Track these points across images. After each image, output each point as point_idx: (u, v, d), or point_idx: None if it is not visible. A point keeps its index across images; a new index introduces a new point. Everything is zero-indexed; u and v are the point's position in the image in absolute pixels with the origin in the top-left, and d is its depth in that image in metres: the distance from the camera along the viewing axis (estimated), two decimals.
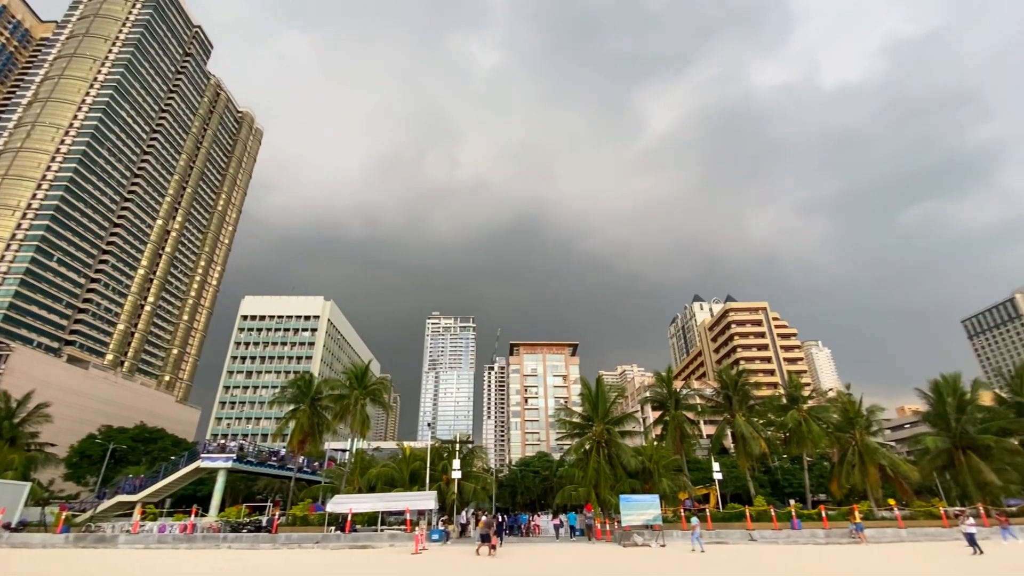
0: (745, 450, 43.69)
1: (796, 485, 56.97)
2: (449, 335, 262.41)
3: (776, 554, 23.80)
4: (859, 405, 43.32)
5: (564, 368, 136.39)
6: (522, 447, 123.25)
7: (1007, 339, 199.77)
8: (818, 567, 19.69)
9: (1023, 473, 44.55)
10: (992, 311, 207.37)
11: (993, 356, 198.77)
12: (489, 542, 24.21)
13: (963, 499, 44.47)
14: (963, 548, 22.16)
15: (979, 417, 43.53)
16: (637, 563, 21.13)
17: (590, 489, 36.87)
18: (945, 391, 43.37)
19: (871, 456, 40.21)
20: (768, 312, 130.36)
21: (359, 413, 43.01)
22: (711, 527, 32.21)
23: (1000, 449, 41.00)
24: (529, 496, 74.08)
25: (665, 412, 48.33)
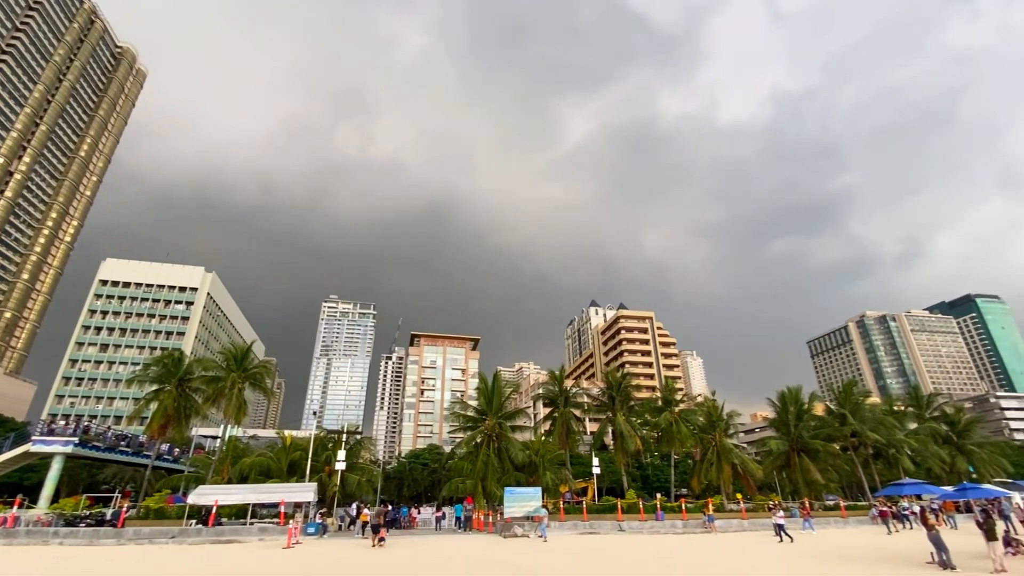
0: (623, 447, 47.07)
1: (663, 480, 62.50)
2: (346, 321, 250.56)
3: (634, 542, 25.94)
4: (720, 410, 48.54)
5: (464, 362, 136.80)
6: (414, 439, 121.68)
7: (839, 360, 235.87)
8: (663, 552, 21.83)
9: (841, 473, 52.87)
10: (830, 335, 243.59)
11: (828, 374, 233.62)
12: (377, 532, 24.48)
13: (794, 495, 51.67)
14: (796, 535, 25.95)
15: (812, 425, 50.95)
16: (510, 552, 21.87)
17: (477, 482, 37.45)
18: (788, 401, 50.14)
19: (726, 455, 45.27)
20: (653, 322, 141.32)
21: (235, 398, 39.60)
22: (586, 518, 34.26)
23: (826, 452, 48.32)
24: (416, 488, 73.41)
25: (555, 409, 50.51)
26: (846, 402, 51.59)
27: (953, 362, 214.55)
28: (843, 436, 50.36)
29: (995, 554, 14.56)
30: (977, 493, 29.92)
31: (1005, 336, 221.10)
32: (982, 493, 29.70)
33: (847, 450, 50.75)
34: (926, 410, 58.72)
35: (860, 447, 50.67)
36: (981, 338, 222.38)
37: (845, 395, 52.50)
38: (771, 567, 17.50)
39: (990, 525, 14.86)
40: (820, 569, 16.72)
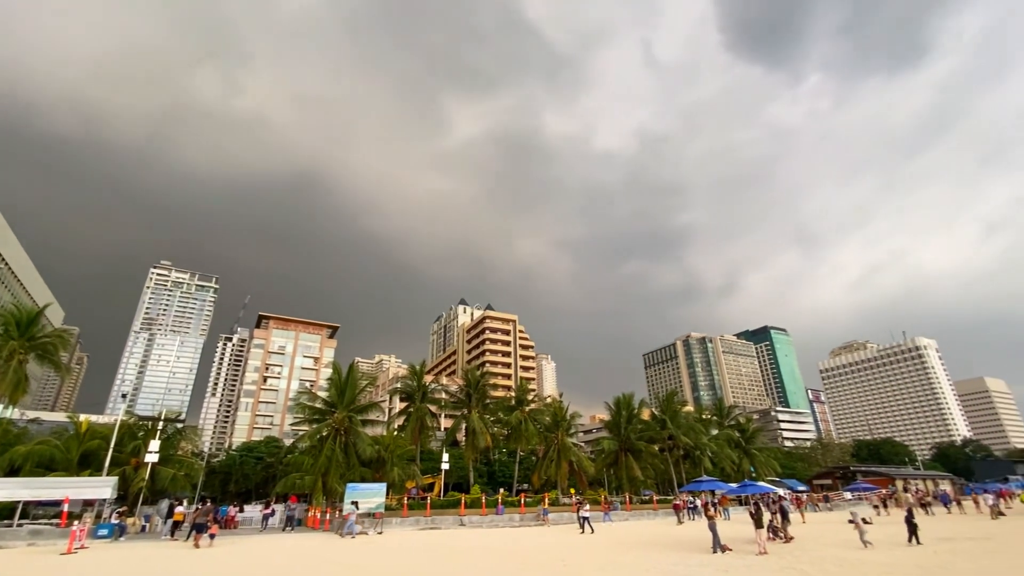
0: (473, 443, 48.32)
1: (508, 476, 65.40)
2: (179, 292, 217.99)
3: (473, 535, 26.90)
4: (565, 411, 52.48)
5: (319, 350, 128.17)
6: (250, 431, 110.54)
7: (666, 372, 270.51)
8: (496, 543, 23.05)
9: (657, 471, 60.36)
10: (661, 350, 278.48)
11: (656, 384, 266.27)
12: (204, 532, 22.78)
13: (618, 490, 57.67)
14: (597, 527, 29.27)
15: (639, 428, 57.56)
16: (345, 551, 21.16)
17: (318, 477, 35.41)
18: (622, 406, 56.03)
19: (565, 453, 49.03)
20: (516, 325, 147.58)
21: (13, 371, 32.22)
22: (429, 514, 34.44)
23: (647, 452, 54.90)
24: (246, 485, 66.75)
25: (411, 404, 49.96)
26: (667, 409, 59.36)
27: (749, 380, 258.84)
28: (662, 439, 57.78)
29: (760, 539, 18.00)
30: (754, 489, 36.51)
31: (787, 362, 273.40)
32: (757, 489, 36.32)
33: (664, 451, 58.30)
34: (726, 419, 70.00)
35: (674, 448, 58.56)
36: (770, 362, 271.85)
37: (667, 403, 60.39)
38: (582, 553, 19.44)
39: (758, 516, 18.38)
40: (626, 553, 19.02)
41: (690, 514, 37.40)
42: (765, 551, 17.52)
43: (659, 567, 15.63)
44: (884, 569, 14.16)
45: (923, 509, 37.90)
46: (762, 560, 16.32)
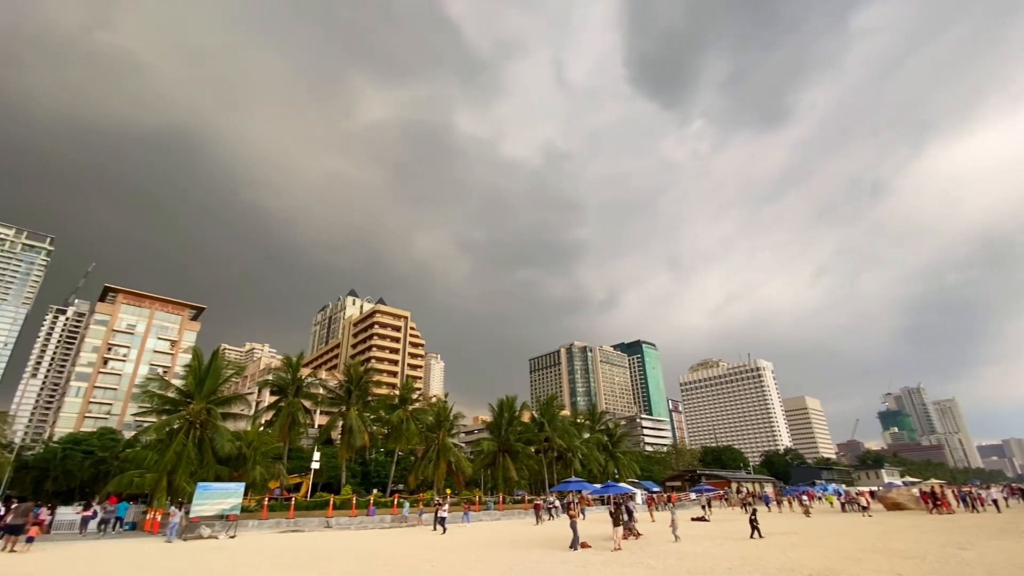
0: (349, 442, 46.25)
1: (383, 476, 63.60)
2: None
3: (338, 538, 25.80)
4: (449, 412, 52.48)
5: (178, 332, 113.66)
6: (80, 420, 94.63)
7: (549, 377, 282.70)
8: (353, 544, 22.42)
9: (533, 472, 62.68)
10: (546, 356, 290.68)
11: (539, 388, 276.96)
12: (21, 534, 20.06)
13: (493, 490, 58.95)
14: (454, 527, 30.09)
15: (519, 430, 59.42)
16: (187, 556, 19.10)
17: (162, 475, 31.42)
18: (504, 408, 57.45)
19: (445, 454, 48.98)
20: (408, 322, 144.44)
21: None
22: (292, 516, 32.30)
23: (524, 454, 56.85)
24: (68, 483, 57.03)
25: (283, 398, 46.50)
26: (546, 413, 62.05)
27: (621, 389, 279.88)
28: (539, 441, 60.23)
29: (616, 536, 19.56)
30: (615, 489, 39.48)
31: (654, 374, 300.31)
32: (617, 490, 39.33)
33: (539, 452, 60.78)
34: (597, 424, 74.95)
35: (549, 450, 61.34)
36: (640, 374, 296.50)
37: (546, 407, 63.16)
38: (450, 553, 19.65)
39: (616, 514, 19.99)
40: (493, 552, 19.56)
41: (550, 514, 39.15)
42: (619, 547, 19.07)
43: (524, 563, 16.30)
44: (712, 561, 16.18)
45: (744, 508, 44.00)
46: (616, 555, 17.75)
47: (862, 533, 24.46)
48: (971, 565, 14.03)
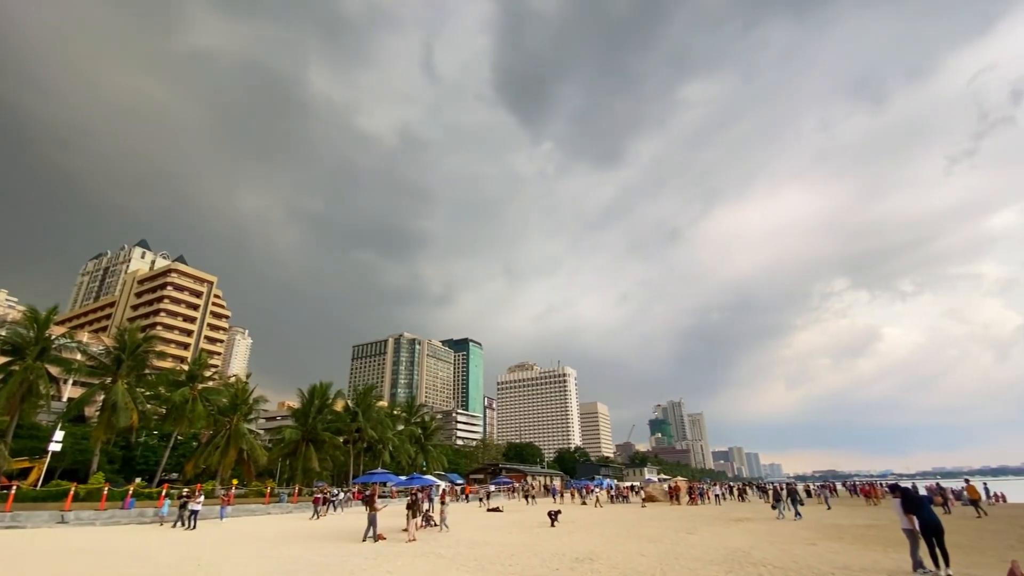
0: (110, 420, 38.40)
1: (154, 463, 54.27)
2: None
3: (68, 535, 21.28)
4: (249, 394, 47.20)
5: None
6: None
7: (372, 367, 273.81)
8: (94, 542, 18.95)
9: (338, 464, 59.83)
10: (373, 344, 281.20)
11: (360, 376, 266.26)
12: None
13: (290, 481, 54.72)
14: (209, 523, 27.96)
15: (329, 418, 56.24)
16: None
17: None
18: (316, 395, 53.90)
19: (237, 440, 43.89)
20: (214, 288, 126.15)
21: None
22: (9, 508, 25.51)
23: (331, 444, 53.93)
24: None
25: (18, 359, 36.52)
26: (362, 403, 59.93)
27: (444, 383, 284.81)
28: (350, 431, 57.80)
29: (412, 527, 19.72)
30: (419, 481, 39.78)
31: (476, 372, 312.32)
32: (422, 481, 39.72)
33: (348, 443, 58.33)
34: (413, 416, 74.99)
35: (359, 441, 59.28)
36: (463, 370, 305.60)
37: (363, 396, 61.04)
38: (222, 549, 17.75)
39: (414, 506, 20.13)
40: (275, 548, 18.17)
41: (334, 507, 37.50)
42: (415, 538, 19.32)
43: (308, 558, 15.45)
44: (498, 548, 17.44)
45: (526, 499, 48.38)
46: (409, 546, 17.95)
47: (623, 521, 28.85)
48: (693, 545, 17.59)
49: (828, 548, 16.28)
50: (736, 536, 20.29)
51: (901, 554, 12.99)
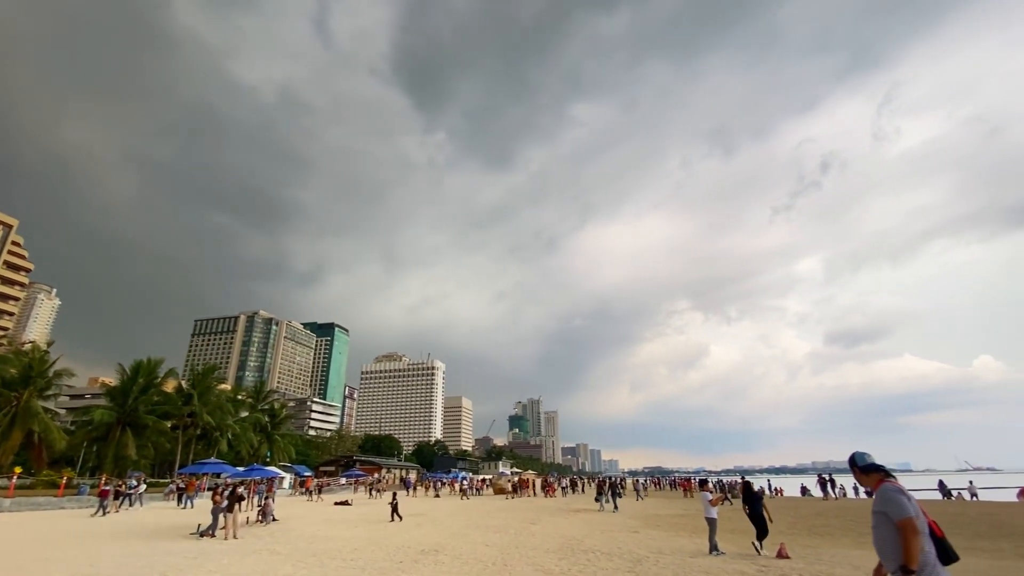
0: None
1: None
2: None
3: None
4: (48, 365, 39.37)
5: None
6: None
7: (217, 345, 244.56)
8: None
9: (162, 452, 52.53)
10: (221, 320, 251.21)
11: (201, 354, 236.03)
12: None
13: (96, 470, 46.72)
14: None
15: (156, 400, 49.16)
16: None
17: None
18: (142, 371, 46.79)
19: (26, 420, 36.34)
20: (12, 233, 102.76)
21: None
22: None
23: (155, 429, 47.19)
24: None
25: None
26: (199, 384, 53.31)
27: (300, 369, 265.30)
28: (181, 415, 51.06)
29: (230, 523, 17.76)
30: (259, 473, 36.70)
31: (339, 360, 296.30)
32: (263, 473, 36.71)
33: (177, 428, 51.48)
34: (260, 402, 68.73)
35: (192, 427, 52.63)
36: (325, 357, 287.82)
37: (201, 377, 54.36)
38: None
39: (232, 500, 18.01)
40: (71, 548, 15.45)
41: (130, 502, 31.59)
42: (236, 536, 17.57)
43: (113, 558, 13.35)
44: (341, 543, 16.79)
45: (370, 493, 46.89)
46: (239, 543, 16.45)
47: (473, 513, 29.62)
48: (534, 535, 18.70)
49: (647, 535, 18.47)
50: (573, 526, 22.02)
51: (703, 539, 15.21)
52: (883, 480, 4.29)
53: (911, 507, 3.95)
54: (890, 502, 4.04)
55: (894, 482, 4.22)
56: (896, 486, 4.14)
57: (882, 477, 4.32)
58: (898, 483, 4.20)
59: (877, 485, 4.30)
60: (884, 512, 4.07)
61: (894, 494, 4.07)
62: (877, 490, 4.26)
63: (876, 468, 4.42)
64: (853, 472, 4.56)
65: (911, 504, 3.97)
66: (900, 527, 3.90)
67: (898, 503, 3.99)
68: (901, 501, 3.98)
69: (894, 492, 4.08)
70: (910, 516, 3.90)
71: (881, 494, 4.17)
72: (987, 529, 18.79)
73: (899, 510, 3.95)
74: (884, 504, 4.08)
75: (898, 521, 3.92)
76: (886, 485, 4.20)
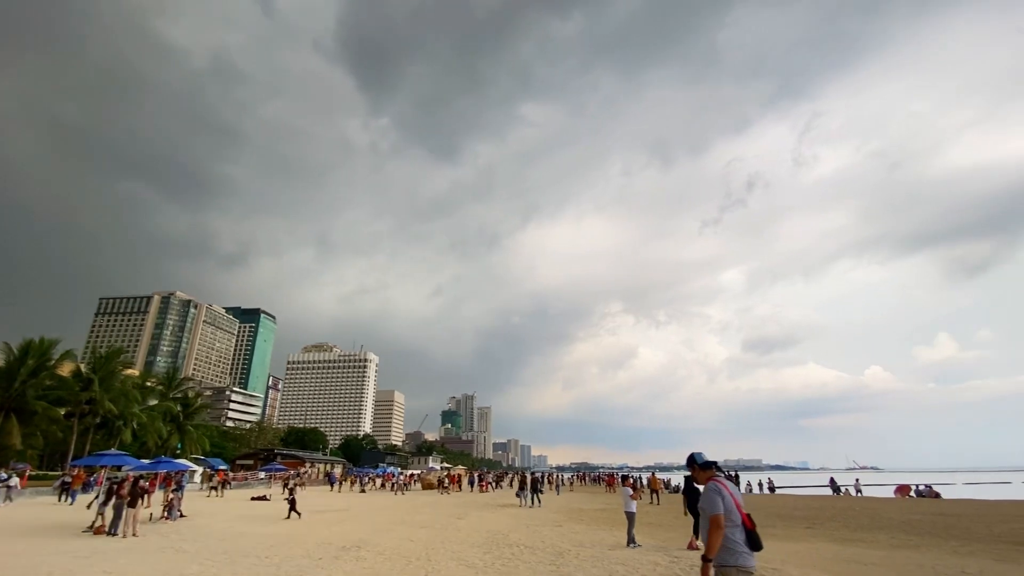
0: None
1: None
2: None
3: None
4: None
5: None
6: None
7: (126, 326, 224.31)
8: None
9: (53, 441, 47.57)
10: (131, 300, 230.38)
11: (106, 335, 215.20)
12: None
13: None
14: None
15: (48, 384, 44.41)
16: None
17: None
18: (33, 352, 42.17)
19: None
20: None
21: None
22: None
23: (45, 416, 42.64)
24: None
25: None
26: (101, 368, 48.69)
27: (220, 356, 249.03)
28: (78, 402, 46.45)
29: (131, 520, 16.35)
30: (168, 466, 34.16)
31: (264, 348, 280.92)
32: (172, 466, 34.21)
33: (73, 416, 46.77)
34: (173, 391, 63.87)
35: (90, 415, 48.00)
36: (248, 344, 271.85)
37: (104, 361, 49.66)
38: None
39: (133, 494, 16.57)
40: None
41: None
42: (136, 533, 16.27)
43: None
44: (255, 540, 16.03)
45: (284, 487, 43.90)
46: (137, 542, 15.27)
47: (400, 508, 29.20)
48: (460, 530, 18.74)
49: (570, 529, 19.06)
50: (499, 520, 22.30)
51: (622, 532, 15.92)
52: (712, 478, 4.80)
53: (721, 505, 4.47)
54: (706, 499, 4.57)
55: (719, 480, 4.72)
56: (717, 485, 4.64)
57: (712, 475, 4.85)
58: (721, 481, 4.70)
59: (706, 481, 4.80)
60: (703, 507, 4.59)
61: (711, 492, 4.59)
62: (705, 486, 4.76)
63: (709, 466, 4.97)
64: (691, 468, 5.06)
65: (723, 502, 4.48)
66: (709, 521, 4.45)
67: (712, 500, 4.52)
68: (715, 499, 4.51)
69: (712, 491, 4.60)
70: (718, 513, 4.43)
71: (704, 491, 4.70)
72: (868, 522, 21.06)
73: (711, 507, 4.48)
74: (703, 500, 4.61)
75: (709, 516, 4.46)
76: (710, 483, 4.71)
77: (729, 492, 4.59)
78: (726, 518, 4.43)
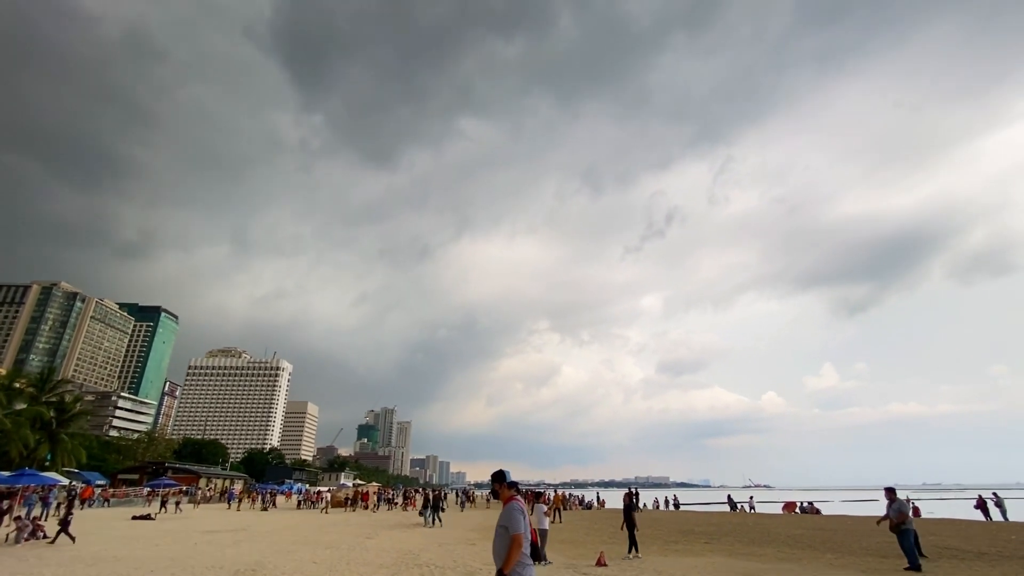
0: None
1: None
2: None
3: None
4: None
5: None
6: None
7: None
8: None
9: None
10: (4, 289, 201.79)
11: None
12: None
13: None
14: None
15: None
16: None
17: None
18: None
19: None
20: None
21: None
22: None
23: None
24: None
25: None
26: None
27: (107, 356, 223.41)
28: None
29: None
30: (34, 480, 30.01)
31: (161, 350, 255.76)
32: (39, 480, 30.08)
33: None
34: (46, 394, 56.26)
35: None
36: (144, 345, 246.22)
37: None
38: None
39: None
40: None
41: None
42: None
43: None
44: (135, 564, 14.42)
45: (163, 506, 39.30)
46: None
47: (305, 528, 27.48)
48: (369, 550, 17.97)
49: (484, 548, 18.85)
50: (412, 539, 21.64)
51: None
52: (513, 497, 5.17)
53: (524, 525, 4.89)
54: (511, 519, 4.92)
55: (519, 501, 5.12)
56: (520, 506, 5.04)
57: (514, 495, 5.22)
58: (521, 502, 5.11)
59: (508, 501, 5.14)
60: (506, 526, 4.93)
61: (516, 512, 4.96)
62: (507, 505, 5.09)
63: (513, 485, 5.33)
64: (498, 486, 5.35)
65: (524, 522, 4.91)
66: (512, 539, 4.81)
67: (516, 520, 4.89)
68: (519, 519, 4.89)
69: (516, 511, 4.97)
70: (521, 533, 4.82)
71: (508, 510, 5.02)
72: (759, 536, 22.73)
73: (516, 526, 4.85)
74: (507, 519, 4.94)
75: (513, 535, 4.83)
76: (513, 503, 5.07)
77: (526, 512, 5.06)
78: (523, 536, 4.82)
